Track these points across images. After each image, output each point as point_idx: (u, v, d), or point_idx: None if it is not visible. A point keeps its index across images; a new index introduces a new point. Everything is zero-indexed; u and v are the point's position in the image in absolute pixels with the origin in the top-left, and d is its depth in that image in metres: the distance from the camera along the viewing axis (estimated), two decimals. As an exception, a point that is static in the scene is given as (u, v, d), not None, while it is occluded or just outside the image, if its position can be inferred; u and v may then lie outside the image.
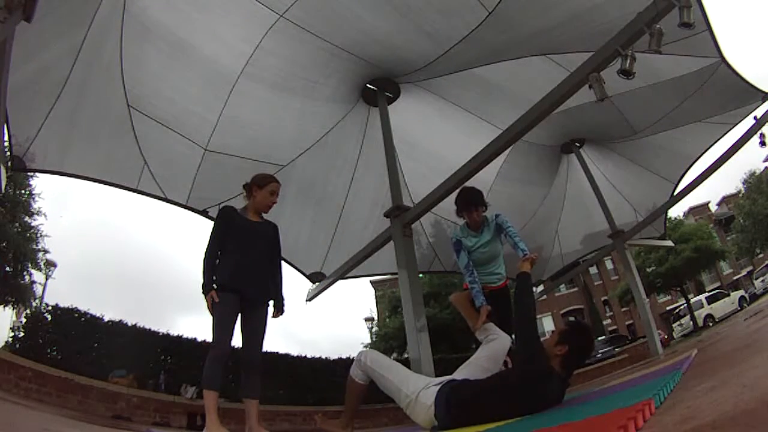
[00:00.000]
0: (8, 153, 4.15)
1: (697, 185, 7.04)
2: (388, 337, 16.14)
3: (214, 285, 2.71)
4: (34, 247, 10.77)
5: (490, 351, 2.49)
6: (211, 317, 2.68)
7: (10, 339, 6.42)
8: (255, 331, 2.83)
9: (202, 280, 2.74)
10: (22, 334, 6.42)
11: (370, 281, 23.82)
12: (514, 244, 2.99)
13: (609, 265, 31.15)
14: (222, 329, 2.65)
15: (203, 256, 2.80)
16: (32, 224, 10.79)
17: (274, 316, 2.95)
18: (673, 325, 21.37)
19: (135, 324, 7.54)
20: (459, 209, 3.23)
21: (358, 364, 2.37)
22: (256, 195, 2.98)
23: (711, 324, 18.21)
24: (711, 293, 21.51)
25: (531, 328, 2.21)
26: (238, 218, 2.93)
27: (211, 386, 2.60)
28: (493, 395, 1.99)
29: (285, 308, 2.98)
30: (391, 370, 2.29)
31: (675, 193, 7.54)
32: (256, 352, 2.83)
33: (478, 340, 2.70)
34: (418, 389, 2.12)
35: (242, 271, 2.77)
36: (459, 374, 2.36)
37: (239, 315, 2.77)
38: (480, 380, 2.18)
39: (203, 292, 2.70)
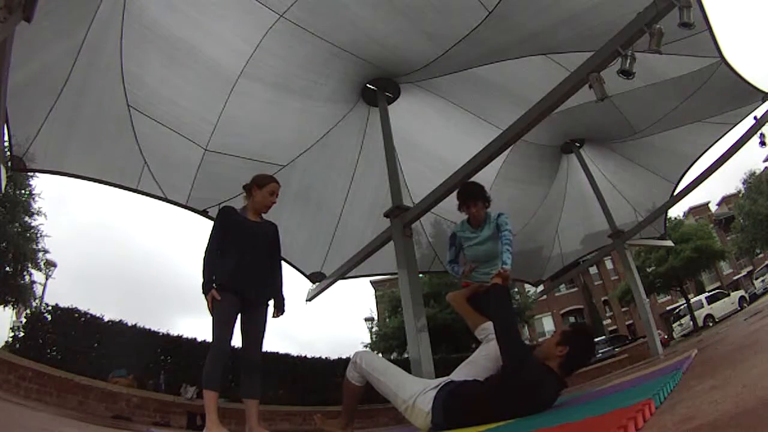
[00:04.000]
0: (8, 153, 4.15)
1: (697, 185, 7.04)
2: (388, 337, 16.11)
3: (214, 285, 2.70)
4: (34, 247, 10.76)
5: (490, 350, 2.48)
6: (211, 317, 2.68)
7: (10, 339, 6.39)
8: (255, 332, 2.83)
9: (201, 280, 2.73)
10: (22, 334, 6.41)
11: (370, 281, 23.84)
12: (501, 252, 2.96)
13: (609, 265, 31.16)
14: (222, 329, 2.65)
15: (203, 256, 2.80)
16: (32, 224, 10.78)
17: (275, 316, 2.95)
18: (673, 325, 21.36)
19: (135, 324, 7.53)
20: (459, 204, 3.24)
21: (354, 366, 2.35)
22: (255, 195, 2.97)
23: (711, 324, 18.20)
24: (711, 293, 21.50)
25: (515, 338, 2.16)
26: (238, 218, 2.93)
27: (211, 386, 2.59)
28: (493, 398, 1.98)
29: (285, 308, 2.98)
30: (387, 374, 2.25)
31: (675, 193, 7.54)
32: (256, 353, 2.84)
33: (478, 339, 2.69)
34: (415, 394, 2.09)
35: (242, 271, 2.77)
36: (458, 373, 2.34)
37: (239, 315, 2.77)
38: (478, 382, 2.17)
39: (203, 292, 2.70)
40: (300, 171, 5.69)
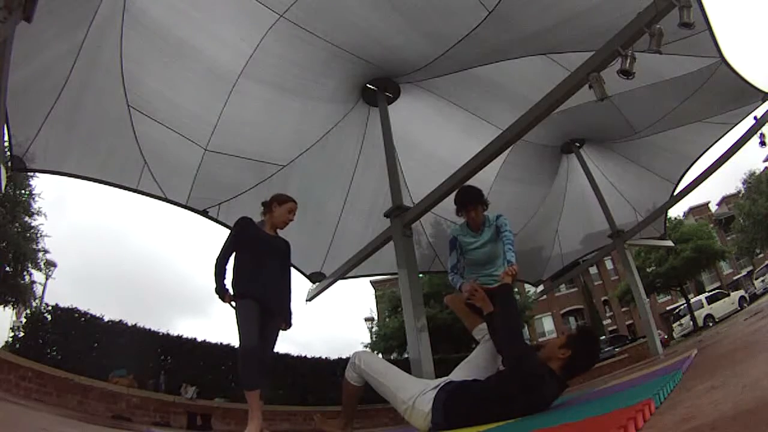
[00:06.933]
0: (8, 153, 4.15)
1: (697, 185, 7.05)
2: (388, 337, 16.09)
3: (233, 293, 2.84)
4: (34, 247, 10.76)
5: (488, 350, 2.48)
6: (236, 320, 2.78)
7: (10, 339, 6.39)
8: (267, 339, 2.92)
9: (215, 285, 2.87)
10: (22, 334, 6.40)
11: (370, 281, 23.81)
12: (504, 251, 2.98)
13: (609, 265, 31.15)
14: (248, 326, 2.74)
15: (215, 262, 2.93)
16: (32, 224, 10.78)
17: (283, 329, 3.07)
18: (673, 325, 21.35)
19: (135, 324, 7.52)
20: (457, 208, 3.23)
21: (353, 367, 2.34)
22: (275, 211, 3.13)
23: (711, 324, 18.20)
24: (711, 293, 21.50)
25: (519, 337, 2.22)
26: (256, 230, 3.07)
27: (249, 386, 2.67)
28: (492, 398, 1.98)
29: (293, 322, 3.11)
30: (386, 375, 2.25)
31: (675, 193, 7.55)
32: (267, 354, 2.95)
33: (476, 339, 2.69)
34: (414, 395, 2.09)
35: (260, 280, 2.88)
36: (457, 373, 2.34)
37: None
38: (478, 382, 2.17)
39: (219, 296, 2.83)
40: (300, 171, 5.69)
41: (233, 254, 2.98)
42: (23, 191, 10.52)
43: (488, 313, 2.50)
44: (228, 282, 2.92)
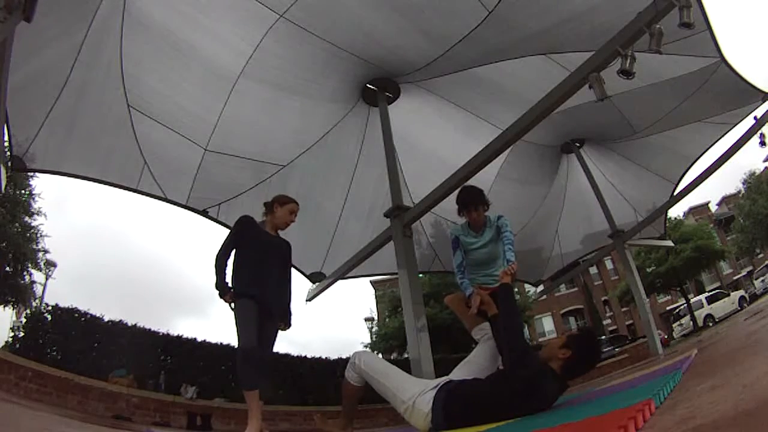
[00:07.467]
0: (8, 153, 4.15)
1: (697, 185, 7.04)
2: (388, 337, 16.11)
3: (232, 291, 2.84)
4: (34, 247, 10.77)
5: (488, 349, 2.49)
6: (235, 320, 2.78)
7: (10, 339, 6.41)
8: (267, 339, 2.93)
9: (215, 281, 2.86)
10: (22, 334, 6.42)
11: (370, 281, 23.82)
12: (503, 251, 2.98)
13: (609, 265, 31.16)
14: (246, 327, 2.74)
15: (215, 259, 2.93)
16: (32, 224, 10.79)
17: (282, 329, 3.07)
18: (673, 325, 21.35)
19: (135, 324, 7.55)
20: (459, 209, 3.23)
21: (352, 367, 2.34)
22: (276, 211, 3.13)
23: (711, 324, 18.20)
24: (711, 293, 21.50)
25: (520, 336, 2.23)
26: (257, 230, 3.07)
27: (248, 386, 2.67)
28: (492, 397, 1.98)
29: (292, 323, 3.11)
30: (387, 375, 2.25)
31: (675, 193, 7.55)
32: (266, 354, 2.95)
33: (475, 339, 2.70)
34: (414, 395, 2.09)
35: (259, 280, 2.88)
36: (457, 373, 2.34)
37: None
38: (478, 381, 2.17)
39: (219, 294, 2.83)
40: (300, 171, 5.69)
41: (233, 252, 2.98)
42: (23, 191, 10.53)
43: (493, 315, 2.50)
44: (227, 280, 2.91)
